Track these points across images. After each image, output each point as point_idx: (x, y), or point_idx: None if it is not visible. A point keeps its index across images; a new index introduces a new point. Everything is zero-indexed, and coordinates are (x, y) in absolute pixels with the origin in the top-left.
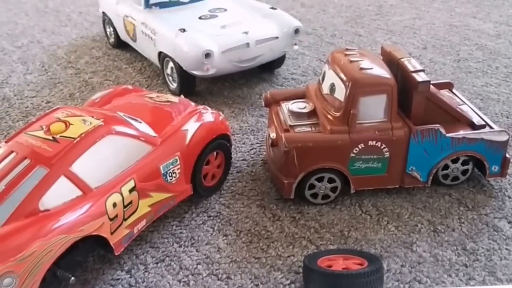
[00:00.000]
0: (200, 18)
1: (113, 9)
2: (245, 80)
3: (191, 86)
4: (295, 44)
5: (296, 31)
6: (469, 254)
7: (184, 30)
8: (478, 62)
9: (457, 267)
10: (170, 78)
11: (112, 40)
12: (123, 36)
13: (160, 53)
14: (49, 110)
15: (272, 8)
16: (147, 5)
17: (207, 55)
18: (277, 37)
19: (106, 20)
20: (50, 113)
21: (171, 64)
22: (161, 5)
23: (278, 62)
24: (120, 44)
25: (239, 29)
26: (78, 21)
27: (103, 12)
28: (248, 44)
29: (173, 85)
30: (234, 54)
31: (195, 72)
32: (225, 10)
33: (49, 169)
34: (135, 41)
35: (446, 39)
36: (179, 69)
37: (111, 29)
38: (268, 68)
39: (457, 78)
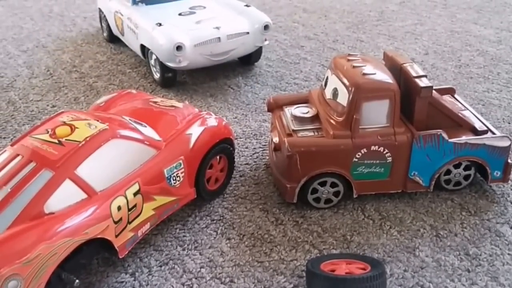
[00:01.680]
0: (179, 14)
1: (107, 5)
2: (249, 86)
3: (173, 76)
4: (266, 40)
5: (266, 27)
6: (472, 259)
7: (160, 25)
8: (479, 68)
9: (460, 272)
10: (154, 68)
11: (105, 34)
12: (115, 31)
13: (143, 46)
14: (54, 114)
15: (246, 5)
16: (134, 1)
17: (179, 47)
18: (247, 33)
19: (102, 16)
20: (56, 117)
21: (154, 55)
22: (147, 2)
23: (256, 55)
24: (112, 39)
25: (212, 25)
26: (83, 26)
27: (99, 8)
28: (219, 38)
29: (157, 75)
30: (206, 47)
31: (169, 64)
32: (204, 7)
33: (54, 172)
34: (123, 35)
35: (447, 45)
36: (159, 60)
37: (105, 24)
38: (247, 62)
39: (459, 83)
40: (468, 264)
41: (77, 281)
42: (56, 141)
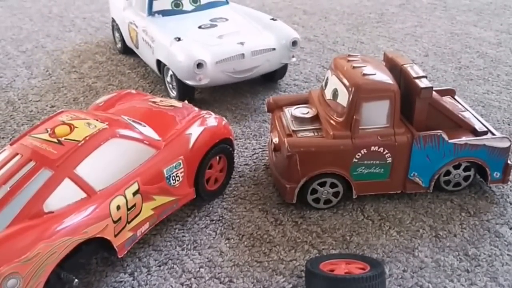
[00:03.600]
0: (199, 27)
1: (120, 15)
2: (248, 87)
3: (190, 94)
4: (293, 56)
5: (294, 43)
6: (471, 259)
7: (179, 39)
8: (479, 69)
9: (459, 272)
10: (171, 86)
11: (119, 45)
12: (128, 42)
13: (159, 61)
14: (53, 113)
15: (272, 19)
16: (150, 12)
17: (199, 65)
18: (274, 49)
19: (115, 26)
20: (55, 116)
21: (170, 72)
22: (164, 13)
23: (281, 72)
24: (126, 50)
25: (235, 40)
26: (82, 26)
27: (112, 18)
28: (243, 55)
29: (173, 93)
30: (229, 64)
31: (188, 82)
32: (226, 20)
33: (53, 171)
34: (137, 47)
35: (447, 47)
36: (177, 77)
37: (118, 35)
38: (271, 79)
39: (459, 85)
40: (467, 264)
41: (76, 280)
42: (56, 141)
